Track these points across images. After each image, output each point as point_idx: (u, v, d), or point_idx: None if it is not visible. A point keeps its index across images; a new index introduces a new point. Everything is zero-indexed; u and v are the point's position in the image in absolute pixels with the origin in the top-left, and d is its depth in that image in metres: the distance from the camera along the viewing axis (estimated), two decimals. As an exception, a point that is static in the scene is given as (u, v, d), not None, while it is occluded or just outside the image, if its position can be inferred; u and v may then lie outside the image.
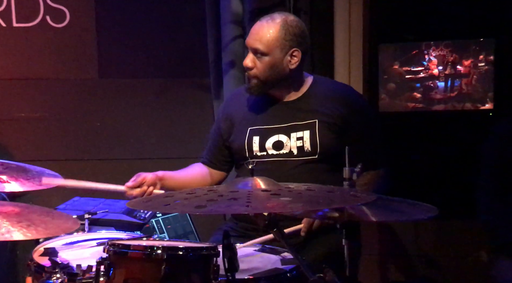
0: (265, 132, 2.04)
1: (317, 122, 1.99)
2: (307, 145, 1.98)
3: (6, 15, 2.79)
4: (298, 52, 1.98)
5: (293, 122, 2.02)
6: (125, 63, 2.93)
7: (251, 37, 2.00)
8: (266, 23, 1.98)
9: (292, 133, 2.01)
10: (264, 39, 1.96)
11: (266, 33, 1.96)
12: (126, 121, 2.93)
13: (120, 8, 2.88)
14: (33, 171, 1.96)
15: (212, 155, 2.19)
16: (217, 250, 1.47)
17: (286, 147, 2.01)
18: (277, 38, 1.95)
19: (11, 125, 2.84)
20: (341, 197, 1.40)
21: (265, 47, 1.96)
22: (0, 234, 1.48)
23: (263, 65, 1.97)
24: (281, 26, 1.96)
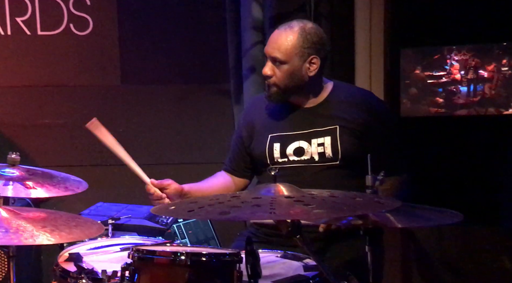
0: (286, 138, 2.04)
1: (338, 128, 1.99)
2: (328, 151, 1.98)
3: (31, 24, 2.85)
4: (317, 59, 1.98)
5: (313, 128, 2.01)
6: (146, 70, 2.96)
7: (270, 45, 2.00)
8: (284, 31, 1.98)
9: (313, 139, 2.01)
10: (283, 47, 1.96)
11: (284, 41, 1.96)
12: (147, 127, 2.96)
13: (141, 16, 2.92)
14: (58, 177, 2.00)
15: (234, 162, 2.19)
16: (240, 256, 1.47)
17: (307, 153, 2.01)
18: (295, 46, 1.95)
19: (35, 132, 2.89)
20: (365, 204, 1.39)
21: (284, 56, 1.96)
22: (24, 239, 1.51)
23: (282, 73, 1.98)
24: (299, 34, 1.96)
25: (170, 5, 2.93)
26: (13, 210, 1.62)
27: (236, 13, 2.79)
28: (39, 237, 1.50)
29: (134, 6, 2.92)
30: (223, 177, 2.21)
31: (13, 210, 1.63)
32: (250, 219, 2.03)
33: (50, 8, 2.86)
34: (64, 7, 2.86)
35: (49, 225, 1.58)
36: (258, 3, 2.72)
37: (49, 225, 1.58)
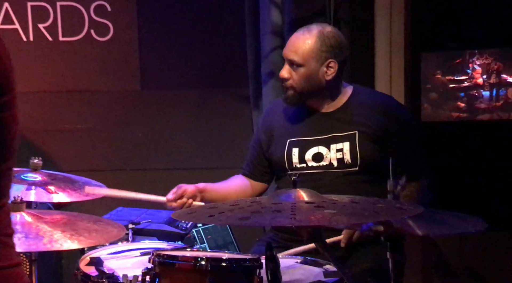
0: (305, 143, 2.02)
1: (357, 133, 1.97)
2: (347, 157, 1.96)
3: (53, 30, 2.88)
4: (335, 63, 1.97)
5: (332, 133, 2.00)
6: (166, 75, 2.97)
7: (287, 48, 2.00)
8: (302, 34, 1.98)
9: (332, 144, 1.99)
10: (300, 50, 1.96)
11: (302, 44, 1.96)
12: (167, 132, 2.97)
13: (161, 22, 2.94)
14: (79, 181, 2.02)
15: (252, 166, 2.19)
16: (260, 261, 1.47)
17: (326, 159, 1.99)
18: (312, 49, 1.95)
19: (56, 136, 2.92)
20: (386, 210, 1.38)
21: (301, 58, 1.96)
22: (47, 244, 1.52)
23: (298, 76, 1.97)
24: (317, 37, 1.95)
25: (189, 11, 2.94)
26: (36, 214, 1.64)
27: (255, 18, 2.79)
28: (62, 241, 1.51)
29: (154, 12, 2.94)
30: (241, 180, 2.20)
31: (36, 214, 1.65)
32: (271, 225, 2.02)
33: (72, 15, 2.89)
34: (85, 13, 2.89)
35: (71, 229, 1.60)
36: (277, 8, 2.72)
37: (71, 229, 1.60)
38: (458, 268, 2.79)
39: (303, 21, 2.60)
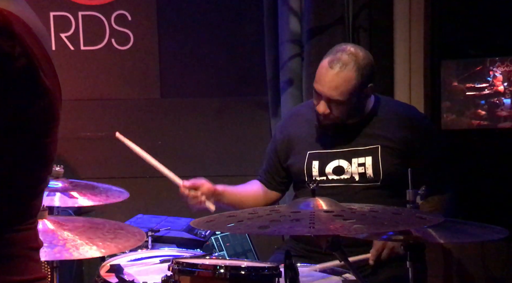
0: (325, 156, 1.98)
1: (379, 147, 1.93)
2: (370, 172, 1.92)
3: (74, 39, 2.93)
4: (371, 87, 1.93)
5: (354, 147, 1.96)
6: (186, 83, 3.00)
7: (325, 86, 1.87)
8: (340, 72, 1.85)
9: (354, 158, 1.95)
10: (340, 89, 1.86)
11: (342, 83, 1.85)
12: (186, 139, 2.99)
13: (181, 31, 2.97)
14: (100, 187, 2.04)
15: (268, 175, 2.16)
16: (279, 270, 1.47)
17: (347, 173, 1.95)
18: (354, 87, 1.86)
19: (77, 144, 2.95)
20: (406, 219, 1.37)
21: (343, 97, 1.87)
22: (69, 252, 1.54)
23: (339, 111, 1.90)
24: (356, 73, 1.85)
25: (209, 20, 2.97)
26: (58, 221, 1.67)
27: (274, 26, 2.80)
28: (84, 249, 1.53)
29: (174, 21, 2.97)
30: (257, 186, 2.19)
31: (58, 221, 1.67)
32: (289, 234, 2.02)
33: (93, 24, 2.93)
34: (106, 23, 2.93)
35: (93, 237, 1.61)
36: (296, 16, 2.73)
37: (93, 237, 1.61)
38: (481, 277, 2.75)
39: (322, 30, 2.61)
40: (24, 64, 0.86)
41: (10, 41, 0.84)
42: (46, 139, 0.93)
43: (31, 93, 0.88)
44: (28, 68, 0.87)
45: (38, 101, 0.89)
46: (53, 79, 0.93)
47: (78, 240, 1.59)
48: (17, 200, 0.91)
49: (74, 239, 1.59)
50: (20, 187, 0.91)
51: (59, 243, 1.56)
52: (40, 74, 0.88)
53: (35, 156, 0.91)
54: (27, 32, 0.89)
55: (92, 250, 1.57)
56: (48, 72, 0.91)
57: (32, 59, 0.87)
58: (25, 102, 0.87)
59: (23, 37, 0.87)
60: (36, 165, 0.92)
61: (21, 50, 0.85)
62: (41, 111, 0.90)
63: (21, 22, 0.88)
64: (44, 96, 0.90)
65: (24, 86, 0.87)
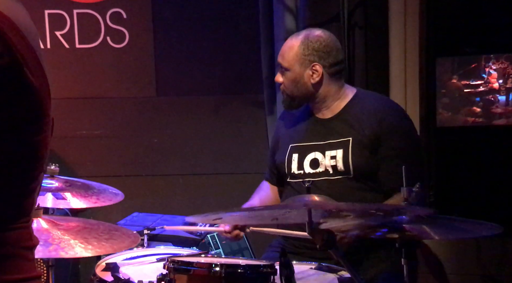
0: (304, 149, 2.04)
1: (351, 140, 1.96)
2: (340, 165, 1.96)
3: (69, 37, 2.92)
4: (320, 66, 1.99)
5: (328, 139, 2.01)
6: (181, 81, 2.99)
7: (279, 53, 2.08)
8: (290, 40, 2.06)
9: (327, 151, 2.00)
10: (286, 55, 2.02)
11: (288, 49, 2.02)
12: (182, 137, 2.99)
13: (176, 28, 2.96)
14: (95, 188, 2.04)
15: (271, 172, 2.21)
16: (275, 268, 1.47)
17: (321, 166, 2.00)
18: (296, 54, 2.00)
19: (73, 143, 2.95)
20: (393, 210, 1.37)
21: (286, 63, 2.01)
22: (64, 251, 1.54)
23: (287, 80, 2.03)
24: (301, 42, 2.00)
25: (204, 18, 2.96)
26: (53, 221, 1.66)
27: (270, 24, 2.80)
28: (77, 249, 1.53)
29: (169, 18, 2.96)
30: (267, 188, 2.21)
31: (53, 220, 1.67)
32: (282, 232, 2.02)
33: (88, 22, 2.92)
34: (101, 21, 2.92)
35: (87, 237, 1.61)
36: (292, 14, 2.73)
37: (87, 237, 1.61)
38: (476, 274, 2.75)
39: (318, 27, 2.60)
40: (8, 62, 0.85)
41: None
42: (36, 137, 0.92)
43: (17, 91, 0.87)
44: (11, 67, 0.86)
45: (24, 99, 0.88)
46: (41, 76, 0.93)
47: (72, 240, 1.59)
48: (8, 199, 0.90)
49: (67, 239, 1.59)
50: (11, 186, 0.90)
51: (54, 242, 1.56)
52: (26, 72, 0.88)
53: (25, 155, 0.91)
54: (12, 29, 0.88)
55: (87, 250, 1.57)
56: (34, 70, 0.90)
57: (16, 57, 0.86)
58: (11, 100, 0.86)
59: (7, 34, 0.86)
60: (26, 163, 0.92)
61: (4, 48, 0.85)
62: (29, 109, 0.89)
63: (6, 19, 0.88)
64: (31, 94, 0.89)
65: (9, 84, 0.86)
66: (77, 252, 1.56)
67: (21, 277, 0.90)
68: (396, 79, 2.70)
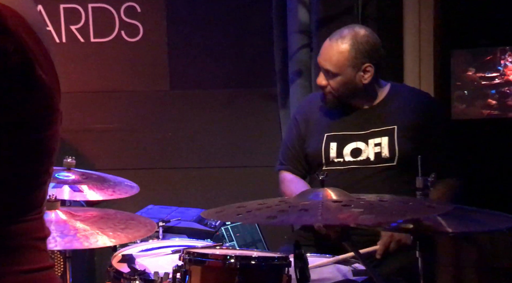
0: (343, 138, 2.02)
1: (396, 128, 1.97)
2: (385, 151, 1.96)
3: (84, 31, 2.94)
4: (371, 67, 1.97)
5: (371, 129, 2.00)
6: (195, 75, 3.00)
7: (321, 56, 2.00)
8: (335, 42, 1.96)
9: (370, 139, 1.99)
10: (334, 60, 1.95)
11: (336, 53, 1.95)
12: (195, 131, 3.00)
13: (190, 23, 2.96)
14: (110, 181, 2.06)
15: (294, 160, 2.14)
16: (289, 260, 1.48)
17: (363, 154, 1.99)
18: (347, 58, 1.94)
19: (87, 136, 2.97)
20: (415, 208, 1.37)
21: (336, 68, 1.96)
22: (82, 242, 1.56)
23: (335, 84, 1.98)
24: (350, 46, 1.94)
25: (217, 12, 2.96)
26: (70, 212, 1.68)
27: (283, 17, 2.79)
28: (95, 239, 1.55)
29: (183, 13, 2.97)
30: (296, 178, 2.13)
31: (70, 211, 1.69)
32: (297, 223, 2.03)
33: (102, 16, 2.94)
34: (116, 15, 2.94)
35: (104, 227, 1.63)
36: (305, 7, 2.72)
37: (104, 227, 1.63)
38: (492, 267, 2.74)
39: (331, 20, 2.60)
40: (19, 59, 0.86)
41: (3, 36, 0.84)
42: (46, 133, 0.93)
43: (27, 88, 0.88)
44: (23, 63, 0.87)
45: (35, 95, 0.89)
46: (51, 72, 0.93)
47: (89, 230, 1.61)
48: (20, 193, 0.91)
49: (85, 229, 1.61)
50: (22, 180, 0.91)
51: (70, 233, 1.58)
52: (36, 69, 0.88)
53: (36, 150, 0.92)
54: (23, 26, 0.88)
55: (102, 239, 1.59)
56: (45, 66, 0.91)
57: (27, 54, 0.87)
58: (22, 97, 0.87)
59: (18, 31, 0.86)
60: (37, 158, 0.93)
61: (16, 45, 0.85)
62: (39, 105, 0.90)
63: (17, 16, 0.88)
64: (41, 90, 0.90)
65: (20, 81, 0.87)
66: (93, 242, 1.57)
67: (34, 267, 0.91)
68: (410, 71, 2.69)
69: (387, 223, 1.47)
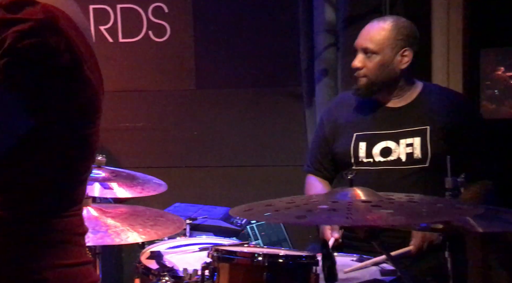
0: (373, 137, 1.99)
1: (428, 129, 1.94)
2: (417, 152, 1.92)
3: (113, 32, 2.98)
4: (410, 52, 1.96)
5: (403, 128, 1.97)
6: (221, 74, 3.02)
7: (361, 37, 2.01)
8: (377, 23, 2.00)
9: (402, 139, 1.96)
10: (375, 38, 1.96)
11: (377, 32, 1.97)
12: (221, 130, 3.02)
13: (216, 22, 2.98)
14: (139, 178, 2.09)
15: (318, 163, 2.14)
16: (317, 259, 1.48)
17: (394, 154, 1.95)
18: (388, 37, 1.95)
19: (116, 135, 3.01)
20: (445, 210, 1.36)
21: (376, 46, 1.96)
22: (113, 237, 1.59)
23: (373, 64, 1.97)
24: (392, 26, 1.97)
25: (243, 11, 2.97)
26: (101, 208, 1.72)
27: (309, 16, 2.79)
28: (126, 235, 1.58)
29: (209, 13, 2.99)
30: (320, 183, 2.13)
31: (101, 208, 1.72)
32: (326, 224, 2.02)
33: (131, 17, 2.98)
34: (144, 15, 2.97)
35: (134, 223, 1.66)
36: (331, 6, 2.71)
37: (134, 223, 1.66)
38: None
39: (358, 19, 2.58)
40: (69, 59, 0.88)
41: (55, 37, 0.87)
42: (89, 131, 0.95)
43: (76, 86, 0.90)
44: (72, 62, 0.89)
45: (81, 94, 0.91)
46: (96, 72, 0.96)
47: (120, 227, 1.64)
48: (62, 188, 0.94)
49: (115, 225, 1.64)
50: (65, 176, 0.94)
51: (102, 229, 1.61)
52: (84, 68, 0.91)
53: (79, 147, 0.94)
54: (72, 26, 0.91)
55: (133, 236, 1.62)
56: (91, 66, 0.94)
57: (76, 54, 0.90)
58: (69, 95, 0.90)
59: (68, 31, 0.89)
60: (79, 155, 0.95)
61: (66, 44, 0.88)
62: (84, 104, 0.93)
63: (66, 17, 0.91)
64: (87, 89, 0.93)
65: (68, 80, 0.89)
66: (123, 238, 1.60)
67: (74, 262, 0.94)
68: (439, 71, 2.66)
69: (417, 224, 1.46)
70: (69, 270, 0.92)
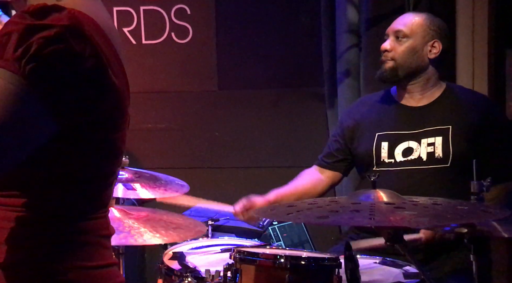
0: (395, 137, 1.98)
1: (450, 128, 1.92)
2: (439, 152, 1.91)
3: (136, 33, 3.01)
4: (439, 44, 1.99)
5: (425, 127, 1.95)
6: (243, 75, 3.03)
7: (395, 23, 2.06)
8: (412, 13, 2.09)
9: (423, 139, 1.95)
10: (409, 23, 2.01)
11: (412, 18, 2.03)
12: (243, 131, 3.03)
13: (238, 24, 2.99)
14: (162, 179, 2.10)
15: (327, 154, 2.16)
16: (339, 261, 1.47)
17: (415, 153, 1.94)
18: (421, 24, 2.00)
19: (139, 135, 3.04)
20: (470, 213, 1.34)
21: (408, 29, 2.00)
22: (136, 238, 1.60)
23: (403, 47, 1.99)
24: (426, 16, 2.04)
25: (265, 12, 2.98)
26: (124, 210, 1.73)
27: (331, 17, 2.77)
28: (148, 237, 1.59)
29: (232, 14, 3.00)
30: (309, 175, 2.18)
31: (124, 210, 1.74)
32: (349, 224, 2.02)
33: (154, 18, 3.00)
34: (166, 17, 3.00)
35: (157, 225, 1.67)
36: (354, 6, 2.70)
37: (157, 225, 1.67)
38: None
39: (381, 19, 2.57)
40: (94, 64, 0.89)
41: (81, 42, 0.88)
42: (115, 135, 0.96)
43: (101, 91, 0.91)
44: (97, 68, 0.90)
45: (107, 99, 0.92)
46: (122, 77, 0.97)
47: (142, 228, 1.65)
48: (90, 192, 0.95)
49: (138, 227, 1.65)
50: (92, 179, 0.95)
51: (125, 230, 1.63)
52: (109, 73, 0.92)
53: (105, 151, 0.96)
54: (97, 31, 0.92)
55: (155, 237, 1.63)
56: (116, 70, 0.95)
57: (102, 59, 0.90)
58: (95, 100, 0.91)
59: (93, 37, 0.90)
60: (106, 159, 0.96)
61: (91, 50, 0.89)
62: (110, 109, 0.93)
63: (92, 22, 0.92)
64: (113, 94, 0.93)
65: (94, 85, 0.90)
66: (146, 239, 1.62)
67: (100, 264, 0.95)
68: (463, 71, 2.62)
69: (441, 226, 1.44)
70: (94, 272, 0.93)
